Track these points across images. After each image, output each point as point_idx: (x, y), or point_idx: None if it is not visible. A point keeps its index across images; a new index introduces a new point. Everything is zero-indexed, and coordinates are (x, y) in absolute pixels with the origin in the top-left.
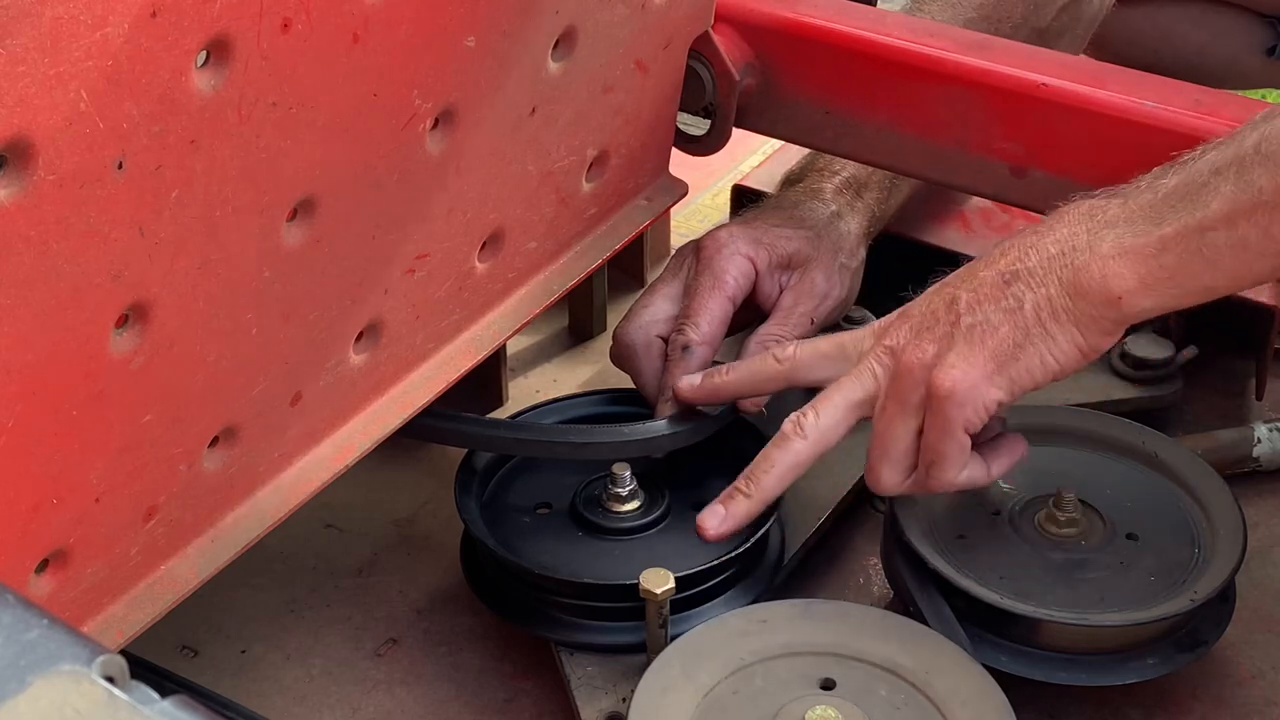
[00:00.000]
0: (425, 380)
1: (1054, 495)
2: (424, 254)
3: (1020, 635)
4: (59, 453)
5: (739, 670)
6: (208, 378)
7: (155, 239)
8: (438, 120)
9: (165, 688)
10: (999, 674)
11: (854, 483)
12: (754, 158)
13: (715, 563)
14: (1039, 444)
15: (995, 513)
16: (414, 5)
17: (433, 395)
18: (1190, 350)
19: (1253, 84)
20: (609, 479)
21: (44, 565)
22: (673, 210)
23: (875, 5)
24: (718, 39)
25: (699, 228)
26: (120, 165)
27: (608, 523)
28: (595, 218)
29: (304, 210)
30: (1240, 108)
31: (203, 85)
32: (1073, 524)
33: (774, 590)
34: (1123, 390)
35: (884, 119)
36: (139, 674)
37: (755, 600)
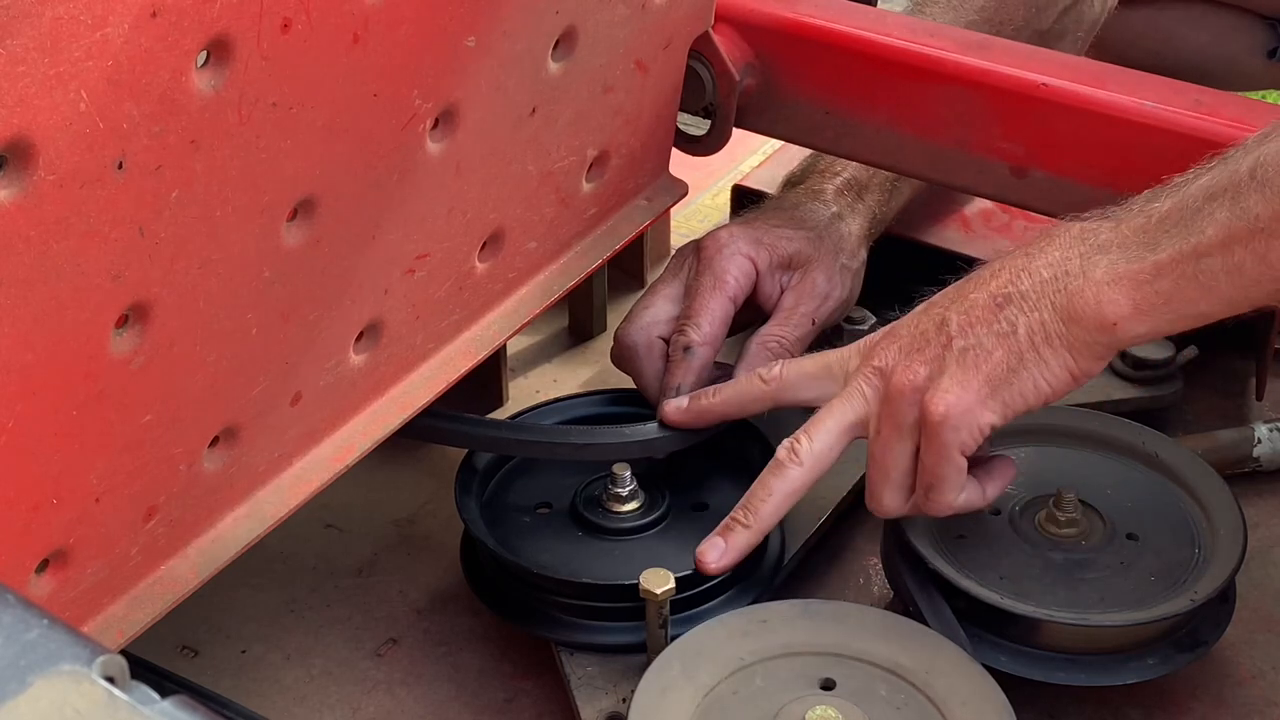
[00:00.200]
0: (425, 380)
1: (1054, 495)
2: (424, 254)
3: (1020, 635)
4: (59, 453)
5: (739, 670)
6: (208, 378)
7: (155, 239)
8: (438, 120)
9: (165, 688)
10: (999, 674)
11: (854, 483)
12: (754, 158)
13: None
14: (1039, 444)
15: (995, 513)
16: (414, 5)
17: (433, 395)
18: (1190, 350)
19: (1254, 86)
20: (609, 479)
21: (44, 565)
22: (673, 210)
23: (875, 5)
24: (718, 39)
25: (699, 228)
26: (120, 165)
27: (608, 523)
28: (595, 218)
29: (304, 210)
30: (1240, 108)
31: (203, 85)
32: (1073, 524)
33: (774, 590)
34: (1123, 390)
35: (884, 119)
36: (139, 674)
37: (755, 600)
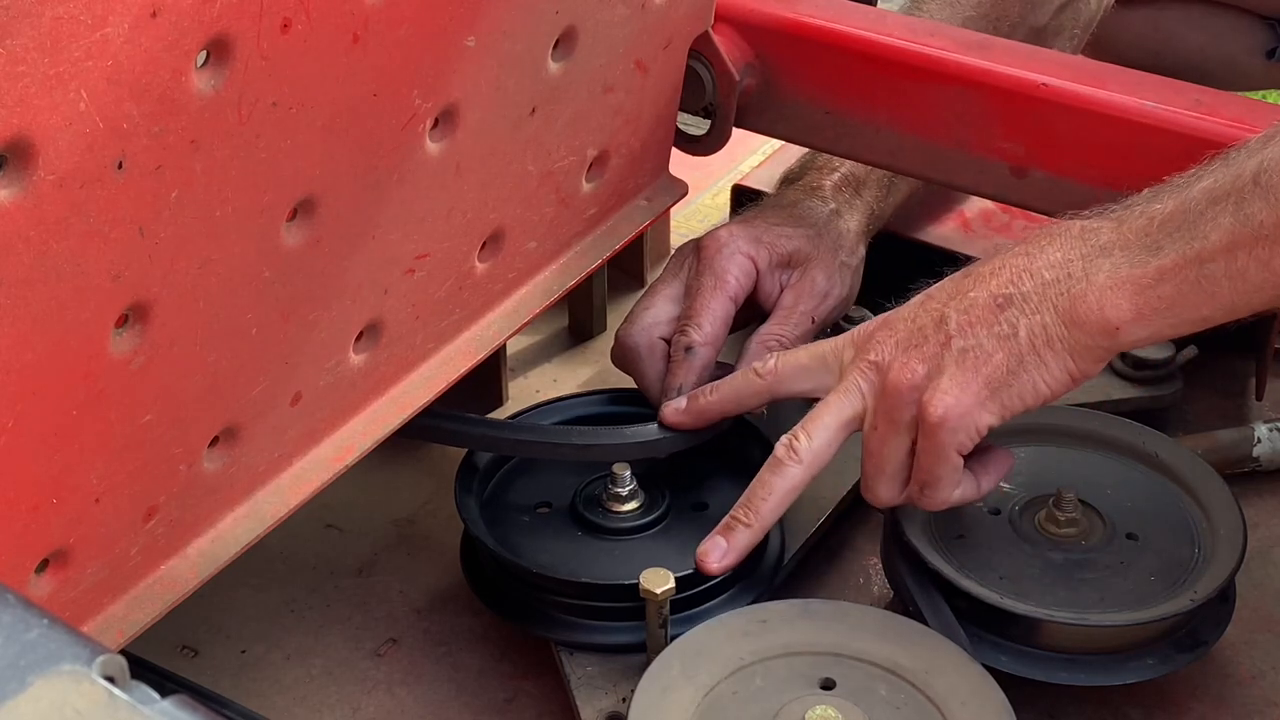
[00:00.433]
0: (425, 380)
1: (1054, 495)
2: (424, 254)
3: (1020, 635)
4: (59, 453)
5: (739, 670)
6: (208, 378)
7: (155, 239)
8: (438, 120)
9: (165, 688)
10: (999, 674)
11: (854, 483)
12: (754, 158)
13: None
14: (1039, 444)
15: (995, 512)
16: (414, 5)
17: (433, 395)
18: (1190, 350)
19: (1254, 86)
20: (609, 479)
21: (44, 565)
22: (673, 210)
23: (875, 5)
24: (718, 39)
25: (699, 228)
26: (120, 165)
27: (608, 522)
28: (595, 218)
29: (304, 210)
30: (1240, 108)
31: (203, 85)
32: (1073, 524)
33: (774, 590)
34: (1123, 390)
35: (884, 119)
36: (139, 674)
37: (755, 600)
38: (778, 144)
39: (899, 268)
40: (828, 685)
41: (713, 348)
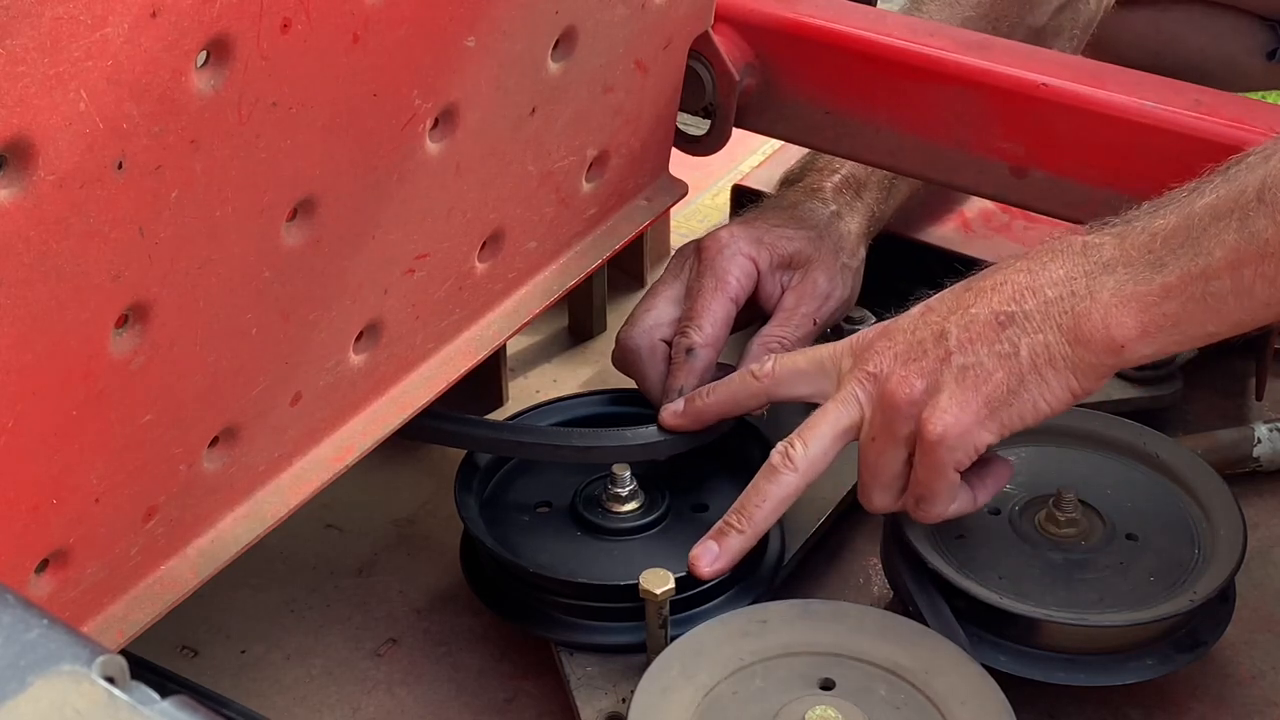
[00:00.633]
0: (425, 380)
1: (1054, 495)
2: (424, 254)
3: (1020, 635)
4: (59, 453)
5: (739, 670)
6: (208, 378)
7: (155, 239)
8: (438, 120)
9: (165, 688)
10: (999, 674)
11: (854, 484)
12: (754, 158)
13: None
14: (1039, 444)
15: (995, 513)
16: (414, 5)
17: (433, 395)
18: (1190, 351)
19: (1254, 87)
20: (609, 479)
21: (44, 565)
22: (673, 210)
23: (875, 5)
24: (718, 39)
25: (699, 228)
26: (120, 165)
27: (607, 523)
28: (595, 218)
29: (304, 210)
30: (1240, 108)
31: (203, 85)
32: (1073, 524)
33: (774, 590)
34: (1123, 390)
35: (884, 119)
36: (139, 674)
37: (755, 600)
38: (778, 144)
39: (899, 268)
40: (827, 685)
41: (713, 349)
